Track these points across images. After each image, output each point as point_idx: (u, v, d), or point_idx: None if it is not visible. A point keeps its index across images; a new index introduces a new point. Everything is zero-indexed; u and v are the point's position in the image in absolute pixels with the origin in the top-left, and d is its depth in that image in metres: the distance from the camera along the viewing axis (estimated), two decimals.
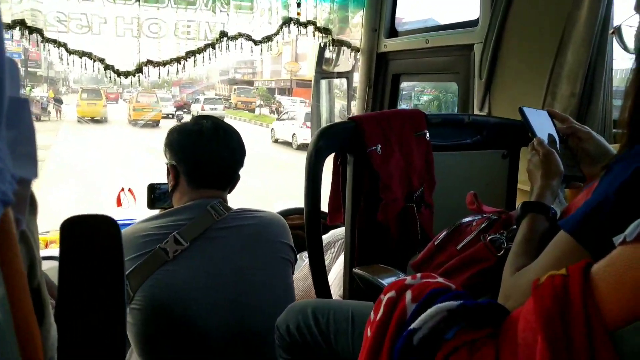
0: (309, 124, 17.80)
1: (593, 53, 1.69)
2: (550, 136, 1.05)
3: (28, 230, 0.51)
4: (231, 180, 1.47)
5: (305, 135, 14.78)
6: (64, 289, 0.56)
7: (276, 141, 16.75)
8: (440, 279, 0.82)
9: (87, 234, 0.59)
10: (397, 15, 2.75)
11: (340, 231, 2.12)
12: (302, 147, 15.56)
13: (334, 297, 1.63)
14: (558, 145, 1.05)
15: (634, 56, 0.79)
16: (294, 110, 18.72)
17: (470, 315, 0.73)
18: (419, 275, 0.84)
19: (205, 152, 1.41)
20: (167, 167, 1.47)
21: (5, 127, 0.31)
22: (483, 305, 0.74)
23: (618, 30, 0.98)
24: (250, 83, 34.24)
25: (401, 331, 0.76)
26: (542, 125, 1.08)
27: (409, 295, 0.79)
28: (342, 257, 1.90)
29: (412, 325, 0.73)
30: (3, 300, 0.32)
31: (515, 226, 1.01)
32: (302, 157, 1.53)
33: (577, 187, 1.02)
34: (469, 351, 0.70)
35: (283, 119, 17.89)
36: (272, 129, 18.17)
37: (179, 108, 23.16)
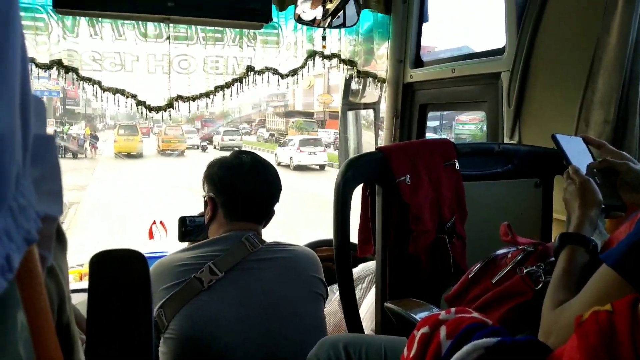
0: (302, 148, 19.32)
1: (625, 78, 1.66)
2: (586, 164, 1.02)
3: (57, 266, 0.51)
4: (267, 214, 1.51)
5: (300, 158, 18.59)
6: (92, 324, 0.56)
7: (279, 164, 18.02)
8: (475, 314, 0.79)
9: (115, 269, 0.59)
10: (426, 44, 2.77)
11: (369, 265, 2.09)
12: (297, 168, 18.07)
13: (365, 332, 1.60)
14: (595, 174, 1.02)
15: None
16: (291, 138, 21.57)
17: (507, 353, 0.70)
18: (453, 310, 0.81)
19: (243, 186, 1.45)
20: (205, 199, 1.50)
21: (30, 165, 0.31)
22: (521, 342, 0.71)
23: None
24: (287, 114, 34.31)
25: None
26: (577, 152, 1.05)
27: (443, 331, 0.76)
28: (373, 291, 1.87)
29: None
30: (27, 341, 0.32)
31: (552, 258, 0.98)
32: (298, 176, 1.55)
33: (617, 216, 0.98)
34: None
35: (284, 146, 20.52)
36: (275, 153, 19.99)
37: (203, 140, 26.40)
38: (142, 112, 2.71)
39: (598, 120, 1.71)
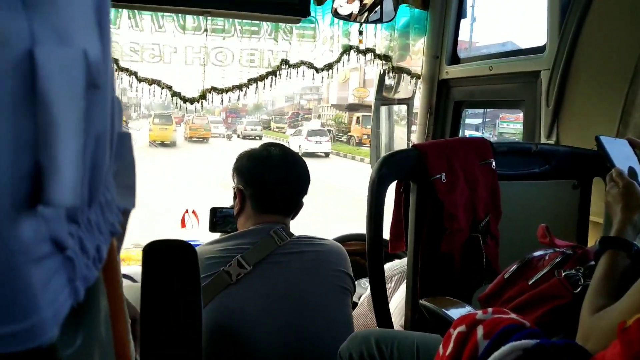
0: (310, 138, 20.95)
1: None
2: (630, 167, 1.00)
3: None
4: (295, 206, 1.51)
5: (307, 146, 20.50)
6: (146, 310, 0.59)
7: None
8: (513, 315, 0.79)
9: (168, 259, 0.61)
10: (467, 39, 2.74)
11: (396, 264, 2.09)
12: (305, 154, 18.34)
13: (394, 328, 1.60)
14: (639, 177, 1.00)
15: None
16: (301, 129, 24.15)
17: (545, 356, 0.70)
18: (490, 310, 0.81)
19: (272, 178, 1.45)
20: (234, 191, 1.51)
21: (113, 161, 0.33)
22: (560, 345, 0.71)
23: None
24: (350, 108, 33.99)
25: None
26: (622, 155, 1.03)
27: (480, 330, 0.76)
28: (402, 287, 1.87)
29: None
30: (107, 320, 0.34)
31: (592, 262, 0.96)
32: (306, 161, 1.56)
33: None
34: None
35: (295, 135, 22.67)
36: (288, 142, 21.13)
37: (228, 129, 29.65)
38: (176, 103, 2.76)
39: (638, 122, 1.67)
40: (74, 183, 0.25)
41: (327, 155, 21.41)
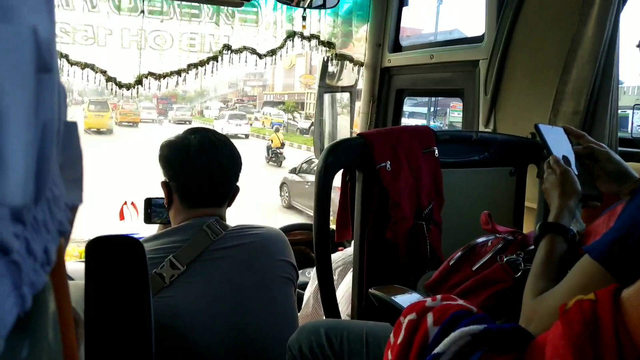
0: (231, 120, 22.83)
1: (599, 71, 1.70)
2: (565, 155, 1.05)
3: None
4: (226, 195, 1.41)
5: (229, 129, 21.86)
6: (91, 310, 0.55)
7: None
8: (461, 302, 0.82)
9: (113, 255, 0.58)
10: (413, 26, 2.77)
11: (339, 256, 2.11)
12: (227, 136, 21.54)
13: (342, 317, 1.62)
14: (574, 164, 1.05)
15: None
16: (225, 113, 26.74)
17: (493, 340, 0.73)
18: (439, 297, 0.83)
19: (192, 170, 1.34)
20: (161, 184, 1.41)
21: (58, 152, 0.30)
22: (506, 329, 0.73)
23: None
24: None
25: (423, 355, 0.75)
26: (558, 142, 1.08)
27: (430, 318, 0.78)
28: (347, 277, 1.89)
29: (436, 350, 0.72)
30: (55, 323, 0.32)
31: (532, 247, 1.01)
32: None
33: (594, 206, 1.02)
34: None
35: (218, 119, 24.78)
36: (213, 125, 23.11)
37: (159, 114, 30.46)
38: (111, 89, 2.63)
39: (568, 110, 1.75)
40: (23, 179, 0.22)
41: (246, 136, 24.02)
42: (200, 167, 1.34)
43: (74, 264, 2.10)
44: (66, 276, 0.33)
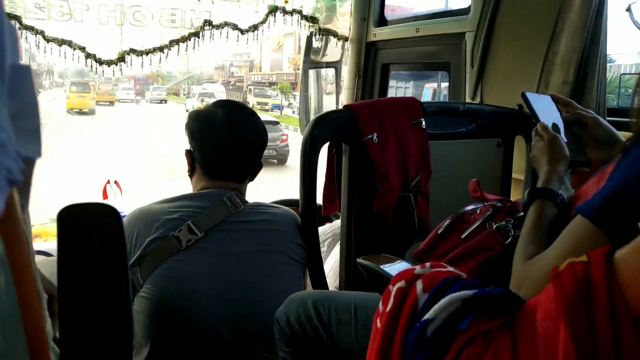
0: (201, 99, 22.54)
1: (587, 40, 1.68)
2: (554, 122, 1.04)
3: (24, 221, 0.47)
4: (247, 172, 1.44)
5: (199, 106, 22.58)
6: (64, 282, 0.52)
7: (187, 111, 24.11)
8: (450, 268, 0.80)
9: (87, 223, 0.55)
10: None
11: (327, 228, 2.09)
12: None
13: (330, 289, 1.61)
14: (562, 131, 1.03)
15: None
16: (195, 92, 26.81)
17: (484, 305, 0.71)
18: (428, 264, 0.82)
19: (216, 145, 1.37)
20: (185, 152, 1.44)
21: (7, 97, 0.27)
22: (497, 294, 0.72)
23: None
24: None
25: (413, 322, 0.73)
26: (546, 110, 1.06)
27: (419, 285, 0.76)
28: (335, 250, 1.88)
29: (426, 316, 0.70)
30: (9, 289, 0.29)
31: (521, 214, 0.99)
32: None
33: (582, 172, 1.01)
34: (484, 342, 0.68)
35: (190, 97, 25.30)
36: (185, 103, 24.61)
37: (137, 94, 31.89)
38: (91, 66, 2.56)
39: (557, 81, 1.74)
40: None
41: None
42: (224, 142, 1.36)
43: (54, 243, 2.06)
44: (21, 233, 0.30)
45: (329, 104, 3.16)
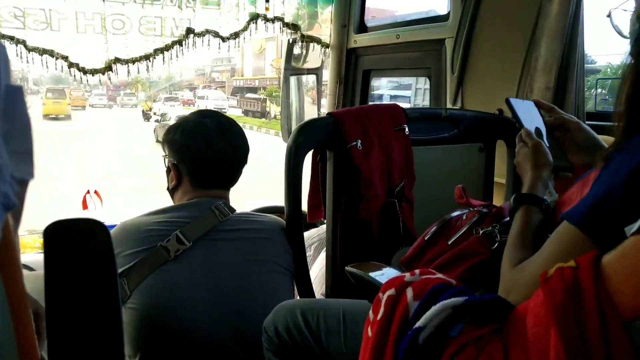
0: (166, 102, 24.21)
1: (565, 45, 1.71)
2: (537, 127, 1.05)
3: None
4: (235, 178, 1.45)
5: (164, 109, 22.49)
6: (52, 299, 0.51)
7: (154, 114, 24.17)
8: (440, 275, 0.80)
9: (75, 239, 0.54)
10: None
11: (314, 232, 2.09)
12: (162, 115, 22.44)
13: (316, 297, 1.60)
14: (545, 136, 1.05)
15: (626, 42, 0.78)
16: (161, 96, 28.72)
17: (474, 312, 0.72)
18: (417, 271, 0.82)
19: (210, 153, 1.37)
20: (168, 166, 1.42)
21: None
22: (488, 300, 0.72)
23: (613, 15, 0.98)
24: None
25: (405, 330, 0.73)
26: (529, 116, 1.08)
27: (410, 292, 0.77)
28: (321, 256, 1.88)
29: (417, 324, 0.71)
30: (4, 308, 0.28)
31: (507, 219, 1.00)
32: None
33: (565, 177, 1.02)
34: (476, 348, 0.69)
35: (157, 101, 26.79)
36: (151, 107, 24.82)
37: (109, 100, 31.93)
38: (74, 75, 2.52)
39: (540, 86, 1.76)
40: None
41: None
42: (218, 151, 1.38)
43: (34, 255, 2.02)
44: (17, 256, 0.29)
45: (310, 110, 3.16)
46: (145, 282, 1.24)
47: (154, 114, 23.29)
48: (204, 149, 1.38)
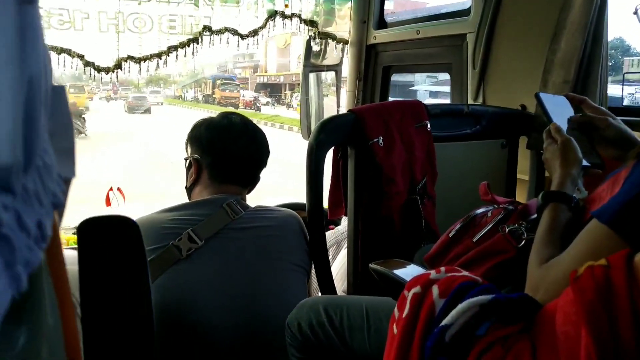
0: (132, 101, 26.32)
1: (588, 39, 1.68)
2: (568, 121, 1.03)
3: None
4: (254, 178, 1.46)
5: None
6: (87, 296, 0.52)
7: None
8: (465, 273, 0.80)
9: (108, 235, 0.55)
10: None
11: (330, 234, 2.09)
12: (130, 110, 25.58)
13: (338, 294, 1.60)
14: (574, 132, 1.03)
15: None
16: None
17: (501, 310, 0.71)
18: (442, 269, 0.81)
19: (233, 147, 1.39)
20: (189, 161, 1.44)
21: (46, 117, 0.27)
22: (515, 299, 0.72)
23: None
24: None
25: (431, 328, 0.73)
26: (560, 110, 1.05)
27: (435, 290, 0.76)
28: (341, 254, 1.87)
29: (444, 322, 0.70)
30: (54, 307, 0.29)
31: (533, 217, 0.99)
32: (131, 115, 1.52)
33: (595, 173, 1.00)
34: (503, 347, 0.68)
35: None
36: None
37: (108, 98, 34.25)
38: (90, 73, 2.56)
39: (557, 80, 1.73)
40: (9, 135, 0.19)
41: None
42: (242, 146, 1.40)
43: (68, 251, 2.05)
44: (63, 256, 0.30)
45: (330, 107, 3.15)
46: (157, 281, 1.23)
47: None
48: (228, 143, 1.39)
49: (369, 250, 1.50)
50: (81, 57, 2.51)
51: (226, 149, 1.39)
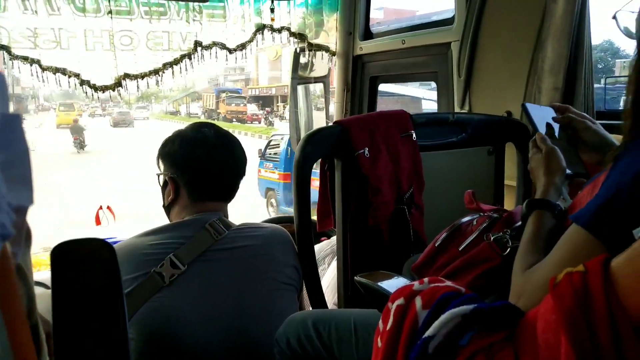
0: (117, 116, 28.25)
1: (572, 46, 1.70)
2: (550, 128, 1.04)
3: (24, 264, 0.46)
4: (235, 189, 1.40)
5: None
6: (60, 321, 0.51)
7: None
8: (449, 283, 0.80)
9: (81, 259, 0.54)
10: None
11: (325, 245, 2.09)
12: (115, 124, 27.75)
13: (328, 307, 1.60)
14: (557, 136, 1.04)
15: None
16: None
17: (484, 319, 0.71)
18: (426, 280, 0.81)
19: (210, 162, 1.33)
20: (164, 180, 1.37)
21: None
22: (497, 307, 0.72)
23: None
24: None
25: (414, 340, 0.73)
26: (545, 120, 1.07)
27: (419, 301, 0.76)
28: (333, 265, 1.87)
29: (427, 334, 0.70)
30: (4, 344, 0.29)
31: (518, 224, 0.99)
32: (116, 129, 1.49)
33: (579, 182, 1.01)
34: (486, 356, 0.68)
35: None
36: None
37: (103, 110, 35.47)
38: (86, 92, 2.55)
39: (549, 87, 1.75)
40: None
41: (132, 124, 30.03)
42: (219, 160, 1.34)
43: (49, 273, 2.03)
44: (14, 286, 0.30)
45: (319, 119, 3.16)
46: (140, 310, 1.19)
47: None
48: (204, 158, 1.33)
49: (359, 261, 1.50)
50: (77, 75, 2.52)
51: (203, 166, 1.33)
